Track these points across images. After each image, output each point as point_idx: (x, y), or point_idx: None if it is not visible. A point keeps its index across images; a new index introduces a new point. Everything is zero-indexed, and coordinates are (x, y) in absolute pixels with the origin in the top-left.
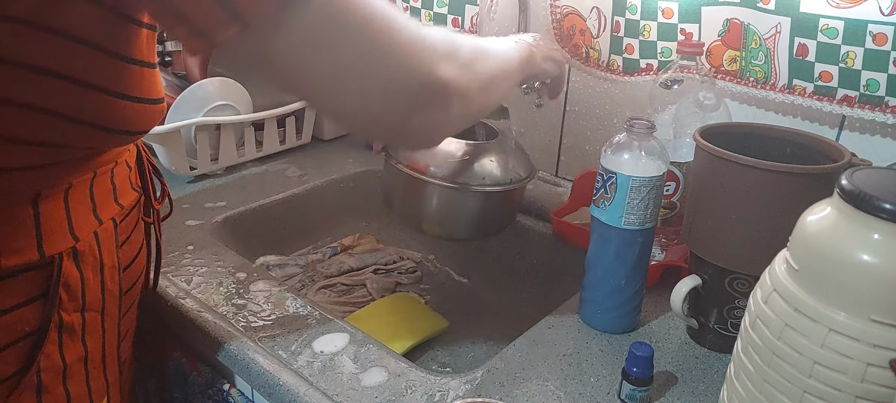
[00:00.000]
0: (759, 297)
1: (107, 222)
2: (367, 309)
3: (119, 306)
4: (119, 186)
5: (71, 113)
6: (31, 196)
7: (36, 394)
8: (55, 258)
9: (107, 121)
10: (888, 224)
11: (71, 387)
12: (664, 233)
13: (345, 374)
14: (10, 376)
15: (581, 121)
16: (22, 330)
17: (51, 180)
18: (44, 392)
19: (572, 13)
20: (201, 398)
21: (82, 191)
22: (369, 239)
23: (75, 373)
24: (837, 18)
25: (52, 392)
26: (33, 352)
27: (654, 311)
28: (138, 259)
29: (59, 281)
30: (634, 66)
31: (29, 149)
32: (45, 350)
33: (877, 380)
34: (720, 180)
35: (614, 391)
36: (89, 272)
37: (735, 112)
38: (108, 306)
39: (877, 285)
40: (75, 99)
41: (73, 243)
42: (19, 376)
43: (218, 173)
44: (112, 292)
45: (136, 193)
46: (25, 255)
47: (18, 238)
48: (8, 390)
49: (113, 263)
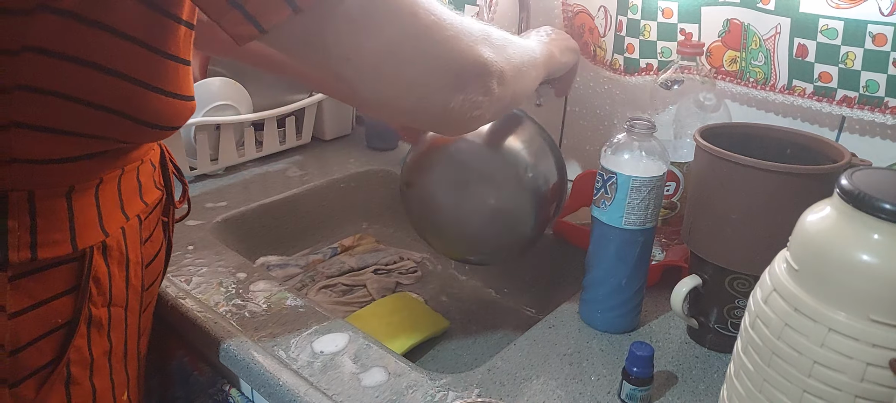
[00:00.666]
0: (759, 297)
1: (133, 218)
2: (367, 309)
3: (140, 302)
4: (144, 184)
5: (110, 105)
6: (65, 189)
7: (65, 386)
8: (86, 251)
9: (144, 114)
10: (888, 224)
11: (96, 381)
12: (664, 233)
13: (345, 374)
14: (44, 366)
15: (581, 121)
16: (55, 322)
17: (85, 174)
18: (73, 384)
19: (582, 12)
20: (203, 397)
21: (111, 186)
22: (370, 239)
23: (101, 367)
24: (837, 19)
25: (80, 384)
26: (65, 344)
27: (655, 311)
28: (159, 256)
29: (89, 275)
30: (634, 65)
31: (69, 140)
32: (75, 342)
33: (876, 380)
34: (720, 180)
35: (614, 390)
36: (116, 267)
37: (735, 112)
38: (130, 302)
39: (877, 285)
40: (116, 92)
41: (102, 237)
42: (52, 367)
43: (218, 173)
44: (135, 288)
45: (159, 192)
46: (60, 248)
47: (54, 231)
48: (40, 381)
49: (137, 259)
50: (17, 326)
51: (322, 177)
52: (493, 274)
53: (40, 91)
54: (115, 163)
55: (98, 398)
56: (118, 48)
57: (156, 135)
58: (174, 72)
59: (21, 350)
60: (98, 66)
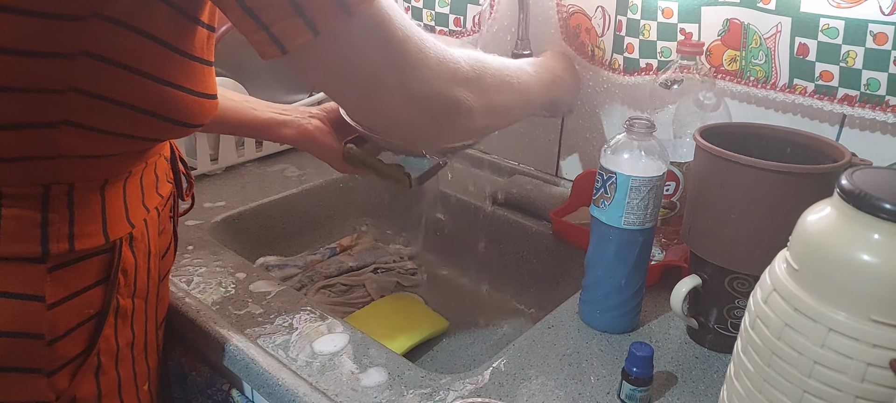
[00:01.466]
0: (759, 297)
1: (152, 211)
2: (366, 310)
3: (158, 293)
4: (160, 177)
5: (146, 107)
6: (101, 182)
7: (95, 376)
8: (116, 243)
9: (177, 114)
10: (888, 224)
11: (121, 370)
12: (664, 233)
13: (345, 374)
14: (78, 356)
15: (581, 121)
16: (87, 313)
17: (117, 168)
18: (102, 373)
19: (578, 12)
20: (201, 397)
21: (135, 180)
22: (368, 238)
23: (125, 357)
24: (838, 18)
25: (108, 374)
26: (95, 334)
27: (654, 311)
28: (170, 249)
29: (119, 266)
30: (634, 65)
31: (110, 138)
32: (104, 333)
33: (877, 380)
34: (720, 180)
35: (614, 391)
36: (141, 258)
37: (735, 111)
38: (150, 293)
39: (877, 285)
40: (153, 94)
41: (129, 229)
42: (84, 356)
43: (217, 173)
44: (154, 278)
45: (170, 185)
46: (94, 239)
47: (89, 223)
48: (73, 370)
49: (156, 251)
50: (54, 317)
51: (320, 177)
52: (494, 274)
53: (90, 94)
54: (140, 158)
55: (123, 387)
56: (155, 52)
57: (184, 132)
58: (200, 73)
59: (58, 340)
60: (138, 71)
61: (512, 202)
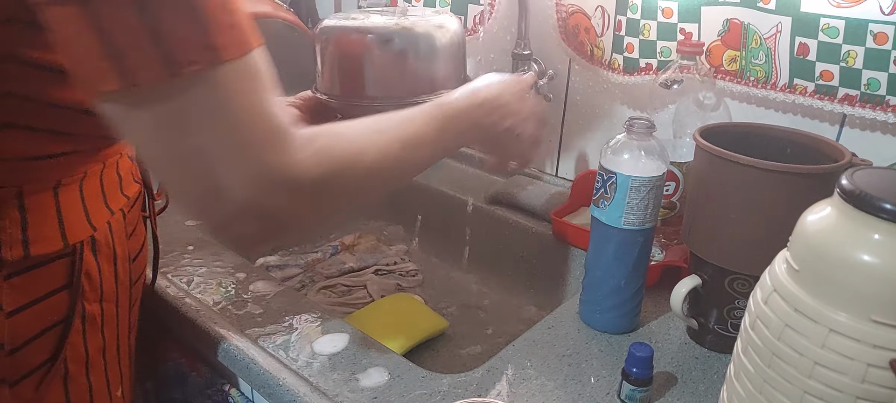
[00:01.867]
0: (759, 297)
1: (117, 213)
2: (366, 310)
3: (129, 297)
4: (124, 177)
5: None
6: (52, 184)
7: (63, 384)
8: (77, 247)
9: None
10: (888, 224)
11: (93, 378)
12: (664, 233)
13: (345, 374)
14: (42, 364)
15: (581, 121)
16: (51, 319)
17: (68, 169)
18: (70, 381)
19: (578, 12)
20: (200, 398)
21: (94, 181)
22: (370, 237)
23: (96, 364)
24: (838, 18)
25: (77, 381)
26: (61, 342)
27: (654, 311)
28: (143, 251)
29: (81, 271)
30: (634, 65)
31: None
32: (70, 339)
33: (877, 381)
34: (720, 180)
35: (614, 391)
36: (105, 263)
37: (735, 111)
38: (120, 297)
39: (877, 285)
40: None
41: (90, 232)
42: (49, 364)
43: None
44: (124, 283)
45: (138, 185)
46: (51, 244)
47: (44, 227)
48: (39, 379)
49: (124, 254)
50: (14, 325)
51: None
52: (493, 274)
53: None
54: (95, 158)
55: (94, 394)
56: None
57: None
58: None
59: (20, 348)
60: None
61: (512, 202)
